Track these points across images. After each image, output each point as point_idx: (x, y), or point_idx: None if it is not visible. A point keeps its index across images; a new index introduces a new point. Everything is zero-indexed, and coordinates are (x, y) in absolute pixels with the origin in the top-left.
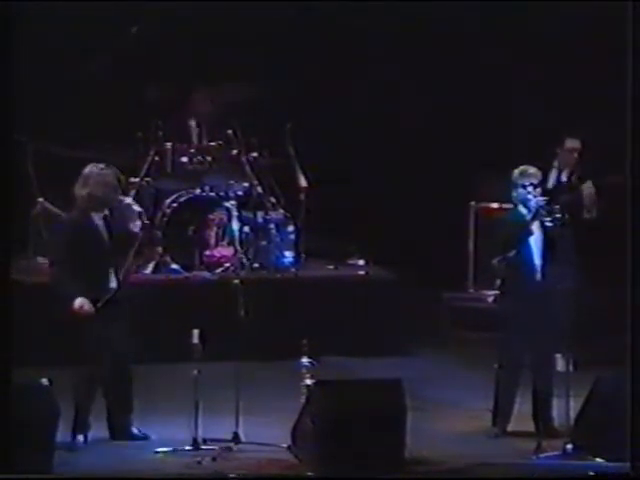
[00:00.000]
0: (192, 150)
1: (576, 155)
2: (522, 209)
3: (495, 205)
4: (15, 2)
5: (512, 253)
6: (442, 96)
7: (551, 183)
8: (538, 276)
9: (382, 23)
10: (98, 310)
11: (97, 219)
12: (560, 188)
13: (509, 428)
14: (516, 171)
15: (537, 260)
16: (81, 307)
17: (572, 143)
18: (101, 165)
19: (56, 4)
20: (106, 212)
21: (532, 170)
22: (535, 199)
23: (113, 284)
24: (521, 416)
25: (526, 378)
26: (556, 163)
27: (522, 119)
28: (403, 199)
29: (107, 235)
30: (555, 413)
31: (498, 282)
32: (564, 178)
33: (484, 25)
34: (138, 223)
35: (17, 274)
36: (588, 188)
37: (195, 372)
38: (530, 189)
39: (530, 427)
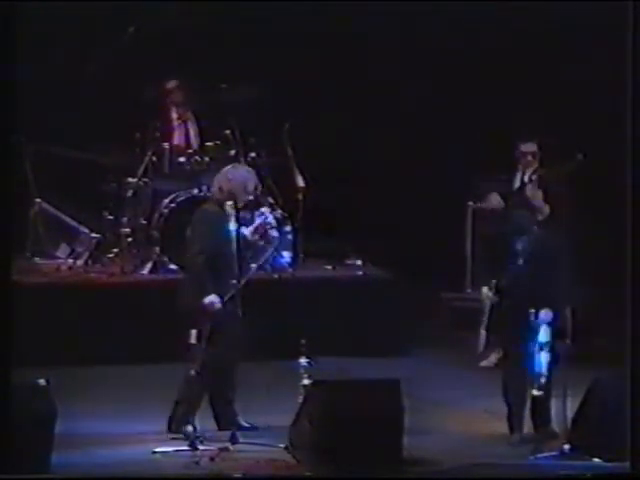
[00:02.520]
0: (190, 150)
1: (530, 158)
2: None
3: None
4: (15, 2)
5: (516, 252)
6: (442, 96)
7: (515, 185)
8: (540, 276)
9: (382, 23)
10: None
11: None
12: (521, 190)
13: (506, 429)
14: None
15: (539, 260)
16: (212, 304)
17: (527, 147)
18: (247, 168)
19: (56, 4)
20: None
21: None
22: None
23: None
24: None
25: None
26: (520, 166)
27: (523, 119)
28: (401, 199)
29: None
30: (553, 413)
31: (499, 282)
32: (526, 180)
33: (483, 25)
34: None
35: (16, 274)
36: (530, 190)
37: (192, 372)
38: None
39: (528, 427)
